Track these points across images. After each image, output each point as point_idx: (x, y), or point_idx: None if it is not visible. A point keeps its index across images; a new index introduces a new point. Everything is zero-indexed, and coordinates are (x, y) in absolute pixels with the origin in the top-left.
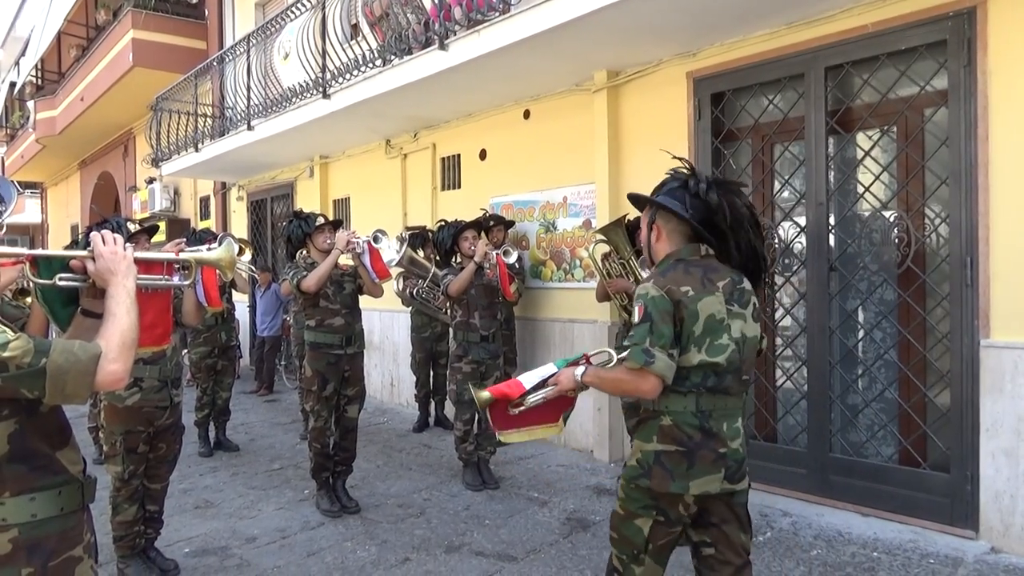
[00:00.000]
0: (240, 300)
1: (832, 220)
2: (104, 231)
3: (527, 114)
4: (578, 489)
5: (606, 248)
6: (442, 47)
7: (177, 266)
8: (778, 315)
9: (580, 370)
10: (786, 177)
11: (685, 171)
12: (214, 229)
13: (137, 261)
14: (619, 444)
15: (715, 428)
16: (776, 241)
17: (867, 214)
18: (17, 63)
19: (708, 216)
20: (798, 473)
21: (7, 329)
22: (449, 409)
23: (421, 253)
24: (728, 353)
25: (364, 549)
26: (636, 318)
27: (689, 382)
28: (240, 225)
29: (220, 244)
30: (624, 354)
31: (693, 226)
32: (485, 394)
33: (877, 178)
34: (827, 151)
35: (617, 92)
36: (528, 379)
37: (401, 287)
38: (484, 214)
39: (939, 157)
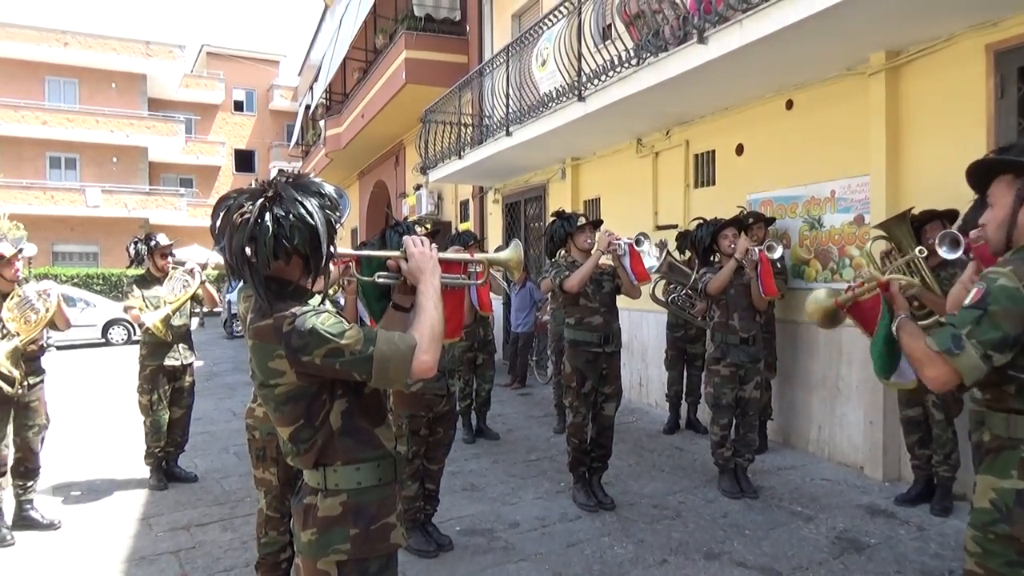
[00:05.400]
0: (495, 297)
1: None
2: (414, 235)
3: (790, 104)
4: (847, 507)
5: (885, 245)
6: (701, 40)
7: (470, 266)
8: None
9: (902, 316)
10: None
11: None
12: (472, 230)
13: (440, 261)
14: (894, 461)
15: None
16: None
17: None
18: (311, 88)
19: None
20: None
21: (343, 320)
22: (702, 412)
23: (685, 256)
24: None
25: (621, 546)
26: (968, 300)
27: None
28: (495, 226)
29: (508, 246)
30: (933, 328)
31: None
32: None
33: None
34: None
35: (897, 74)
36: None
37: (661, 291)
38: (742, 211)
39: None
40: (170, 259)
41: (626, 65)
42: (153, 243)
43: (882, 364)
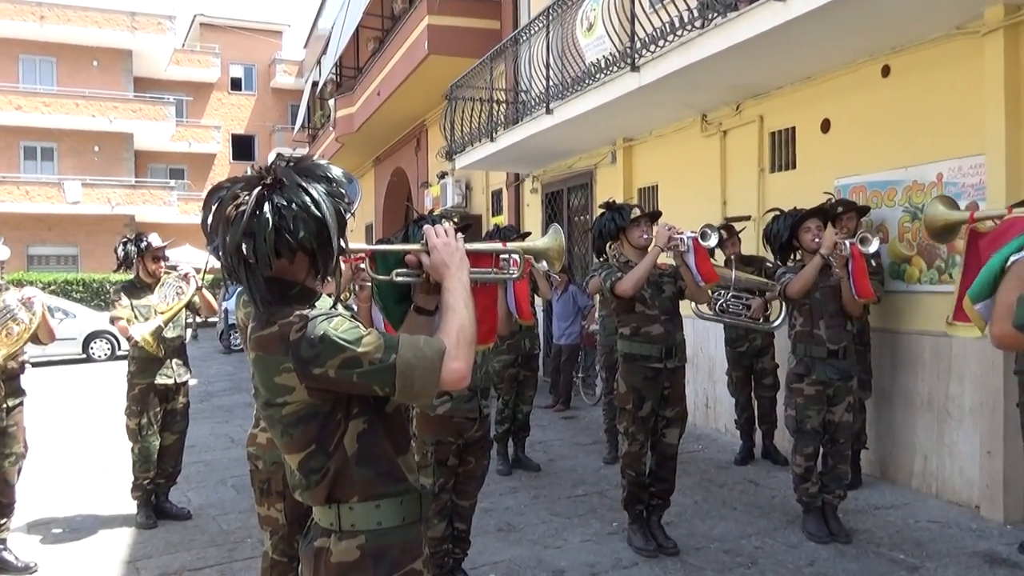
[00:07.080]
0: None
1: None
2: (438, 225)
3: (886, 71)
4: (960, 555)
5: None
6: None
7: (504, 258)
8: None
9: None
10: None
11: None
12: (512, 224)
13: (468, 253)
14: (1018, 500)
15: None
16: None
17: None
18: (319, 62)
19: None
20: None
21: (359, 325)
22: (781, 439)
23: (720, 256)
24: None
25: None
26: None
27: None
28: (533, 220)
29: (548, 233)
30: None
31: None
32: None
33: None
34: None
35: (1018, 32)
36: None
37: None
38: (829, 199)
39: None
40: (163, 263)
41: (688, 28)
42: (144, 244)
43: (979, 289)
